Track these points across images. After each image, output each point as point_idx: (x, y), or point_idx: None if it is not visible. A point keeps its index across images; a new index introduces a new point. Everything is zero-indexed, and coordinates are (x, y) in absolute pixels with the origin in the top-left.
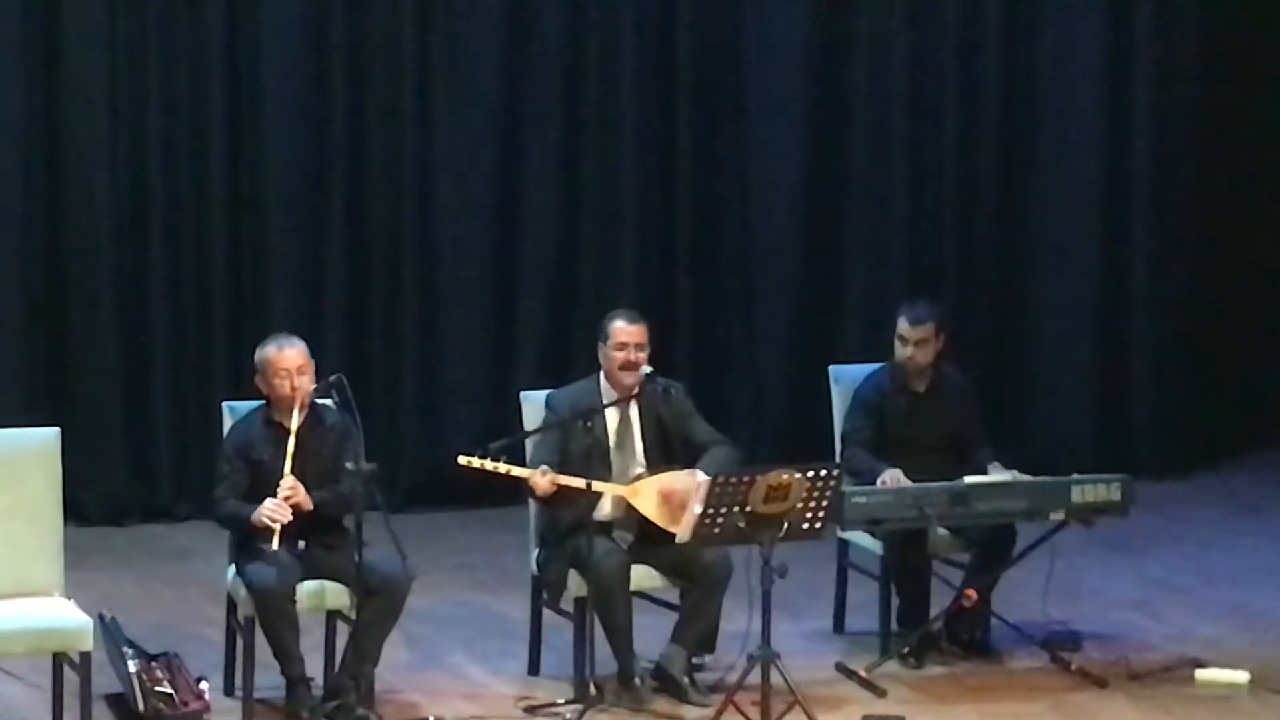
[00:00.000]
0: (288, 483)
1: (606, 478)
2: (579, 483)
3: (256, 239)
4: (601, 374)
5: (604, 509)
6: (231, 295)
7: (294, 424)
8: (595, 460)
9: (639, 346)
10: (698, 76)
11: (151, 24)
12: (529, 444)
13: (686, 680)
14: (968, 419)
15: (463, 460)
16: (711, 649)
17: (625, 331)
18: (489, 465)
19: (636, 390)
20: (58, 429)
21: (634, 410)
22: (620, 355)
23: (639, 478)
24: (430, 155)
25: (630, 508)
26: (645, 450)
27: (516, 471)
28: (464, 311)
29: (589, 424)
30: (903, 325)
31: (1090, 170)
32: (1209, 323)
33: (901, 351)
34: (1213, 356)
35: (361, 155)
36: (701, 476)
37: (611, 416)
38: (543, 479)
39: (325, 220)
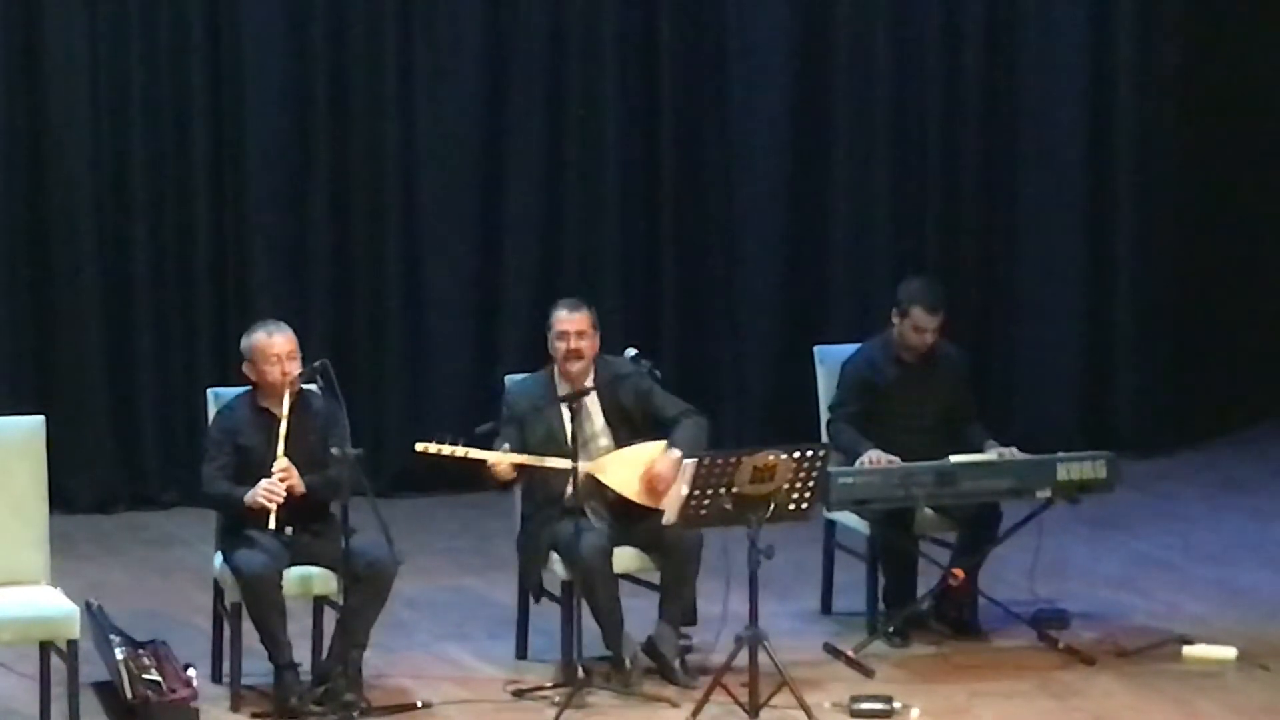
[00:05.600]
0: (281, 463)
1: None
2: (539, 461)
3: (240, 228)
4: (555, 365)
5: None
6: (215, 283)
7: (285, 409)
8: (553, 454)
9: (580, 335)
10: (681, 61)
11: (133, 13)
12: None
13: (677, 663)
14: (961, 395)
15: (419, 447)
16: (693, 622)
17: (565, 320)
18: (445, 450)
19: (592, 386)
20: (42, 417)
21: (592, 401)
22: (561, 345)
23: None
24: (413, 143)
25: (599, 485)
26: (613, 437)
27: (474, 454)
28: (448, 296)
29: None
30: (920, 315)
31: (1074, 151)
32: (1192, 300)
33: (918, 339)
34: (1196, 334)
35: (344, 144)
36: (675, 453)
37: (567, 410)
38: (502, 463)
39: (308, 209)
